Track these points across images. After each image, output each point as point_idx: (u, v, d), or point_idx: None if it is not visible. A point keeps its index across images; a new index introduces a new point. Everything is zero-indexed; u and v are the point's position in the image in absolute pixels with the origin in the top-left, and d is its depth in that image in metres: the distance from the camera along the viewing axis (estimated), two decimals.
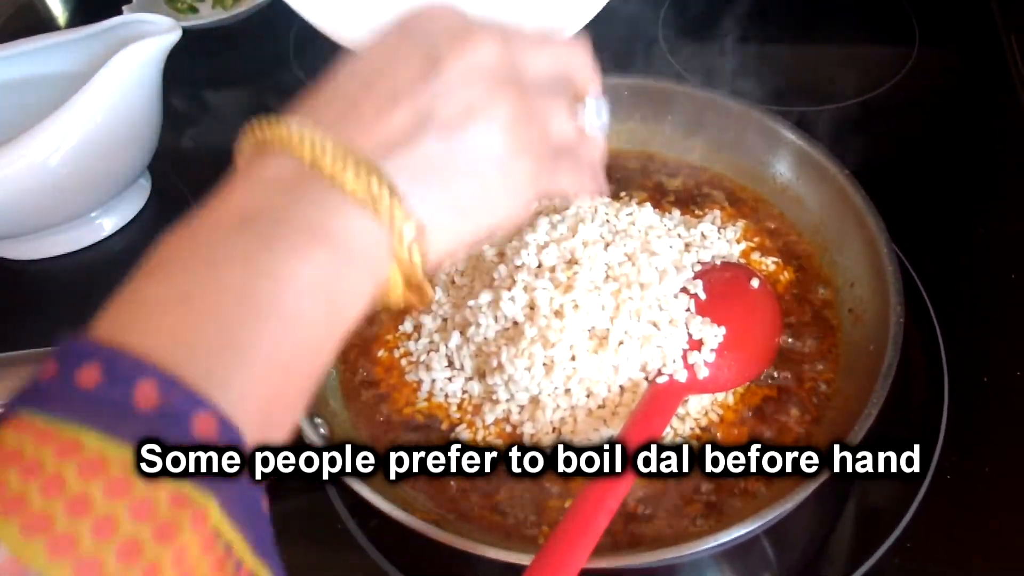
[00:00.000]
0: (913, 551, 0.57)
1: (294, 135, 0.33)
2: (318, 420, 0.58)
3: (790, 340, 0.64)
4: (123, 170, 0.81)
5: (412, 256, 0.34)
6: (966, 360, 0.66)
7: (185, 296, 0.28)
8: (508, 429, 0.59)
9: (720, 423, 0.59)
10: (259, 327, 0.29)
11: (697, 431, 0.59)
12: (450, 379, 0.62)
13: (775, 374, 0.62)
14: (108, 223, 0.84)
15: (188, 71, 0.88)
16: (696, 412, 0.59)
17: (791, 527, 0.59)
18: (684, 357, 0.59)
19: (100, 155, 0.76)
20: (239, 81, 1.05)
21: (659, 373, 0.58)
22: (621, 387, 0.59)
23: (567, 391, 0.58)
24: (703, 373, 0.58)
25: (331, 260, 0.31)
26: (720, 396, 0.60)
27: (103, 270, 0.81)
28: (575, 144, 0.43)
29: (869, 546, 0.57)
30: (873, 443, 0.52)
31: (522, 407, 0.59)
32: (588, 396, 0.58)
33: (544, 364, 0.57)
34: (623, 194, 0.74)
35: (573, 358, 0.57)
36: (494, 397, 0.60)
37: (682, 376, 0.58)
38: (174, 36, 0.75)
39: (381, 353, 0.65)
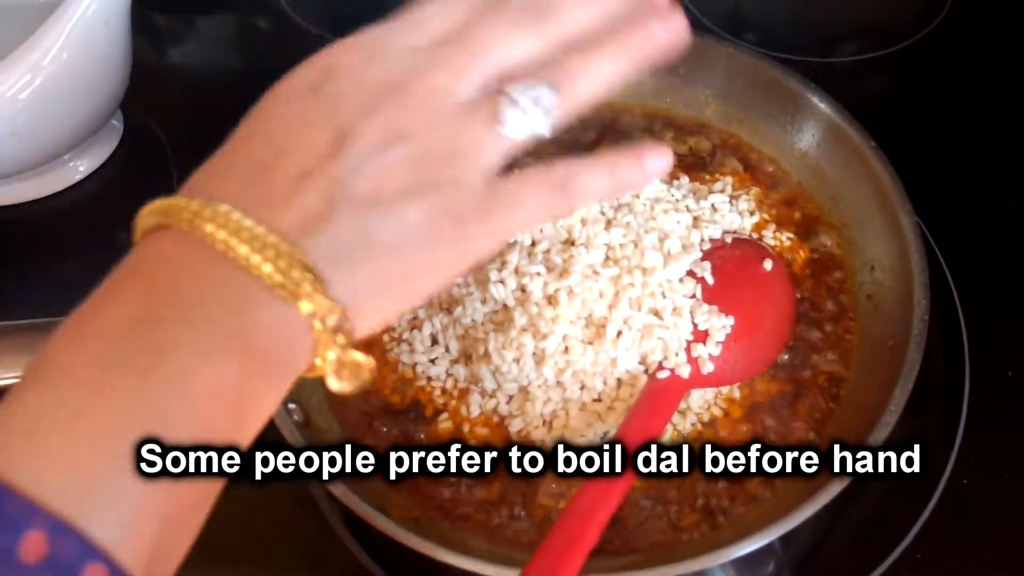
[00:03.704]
0: (922, 562, 0.53)
1: (201, 212, 0.29)
2: (292, 406, 0.54)
3: (803, 326, 0.59)
4: (95, 110, 0.75)
5: (337, 340, 0.30)
6: (990, 352, 0.61)
7: (74, 412, 0.26)
8: (496, 420, 0.55)
9: (724, 418, 0.55)
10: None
11: (699, 427, 0.55)
12: (433, 361, 0.57)
13: (785, 359, 0.58)
14: (81, 166, 0.79)
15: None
16: (698, 407, 0.55)
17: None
18: (688, 350, 0.54)
19: (70, 94, 0.70)
20: (217, 7, 0.97)
21: (660, 367, 0.54)
22: (619, 380, 0.54)
23: (559, 383, 0.54)
24: (707, 368, 0.54)
25: (240, 360, 0.28)
26: (725, 390, 0.56)
27: (77, 214, 0.77)
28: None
29: (877, 554, 0.54)
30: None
31: (511, 397, 0.55)
32: (582, 389, 0.54)
33: (534, 355, 0.53)
34: None
35: (566, 350, 0.53)
36: (480, 384, 0.55)
37: (685, 371, 0.53)
38: None
39: None
